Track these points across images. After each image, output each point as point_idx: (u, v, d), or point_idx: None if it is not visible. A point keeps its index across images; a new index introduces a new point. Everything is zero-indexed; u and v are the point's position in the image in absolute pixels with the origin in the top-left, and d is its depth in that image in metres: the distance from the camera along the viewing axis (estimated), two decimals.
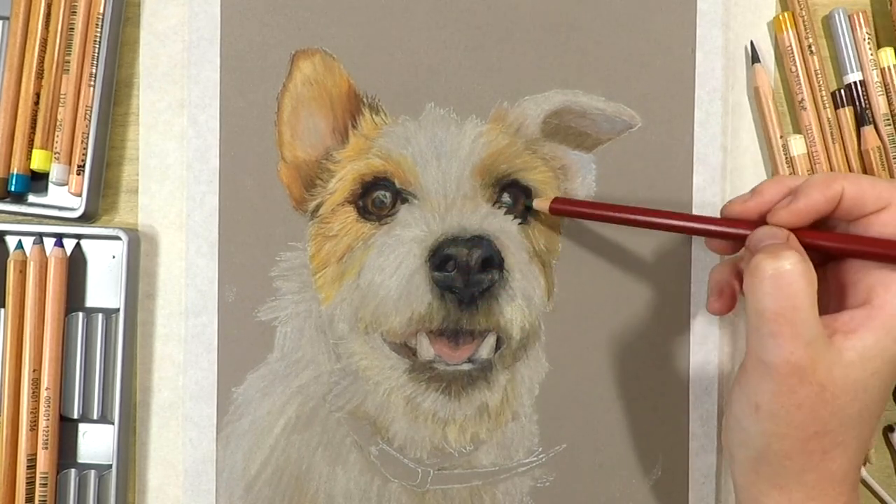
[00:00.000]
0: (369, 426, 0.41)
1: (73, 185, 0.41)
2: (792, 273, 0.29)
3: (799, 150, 0.42)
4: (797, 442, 0.29)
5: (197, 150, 0.42)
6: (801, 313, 0.28)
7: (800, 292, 0.29)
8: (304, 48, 0.42)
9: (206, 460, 0.41)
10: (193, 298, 0.42)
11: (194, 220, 0.42)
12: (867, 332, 0.29)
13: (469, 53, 0.42)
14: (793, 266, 0.29)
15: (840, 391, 0.29)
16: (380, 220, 0.41)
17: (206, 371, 0.41)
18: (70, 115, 0.41)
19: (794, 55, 0.42)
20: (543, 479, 0.42)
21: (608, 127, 0.42)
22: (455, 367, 0.40)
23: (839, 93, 0.42)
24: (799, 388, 0.29)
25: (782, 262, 0.29)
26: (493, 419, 0.41)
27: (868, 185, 0.31)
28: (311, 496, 0.41)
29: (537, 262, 0.41)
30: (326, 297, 0.41)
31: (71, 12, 0.41)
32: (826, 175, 0.32)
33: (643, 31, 0.42)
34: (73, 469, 0.41)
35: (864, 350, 0.29)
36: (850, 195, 0.31)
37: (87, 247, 0.42)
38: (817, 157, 0.42)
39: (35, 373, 0.40)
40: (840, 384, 0.29)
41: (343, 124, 0.42)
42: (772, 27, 0.43)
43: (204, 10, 0.42)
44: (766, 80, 0.42)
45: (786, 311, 0.29)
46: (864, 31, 0.42)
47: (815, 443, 0.29)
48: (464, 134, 0.41)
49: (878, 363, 0.29)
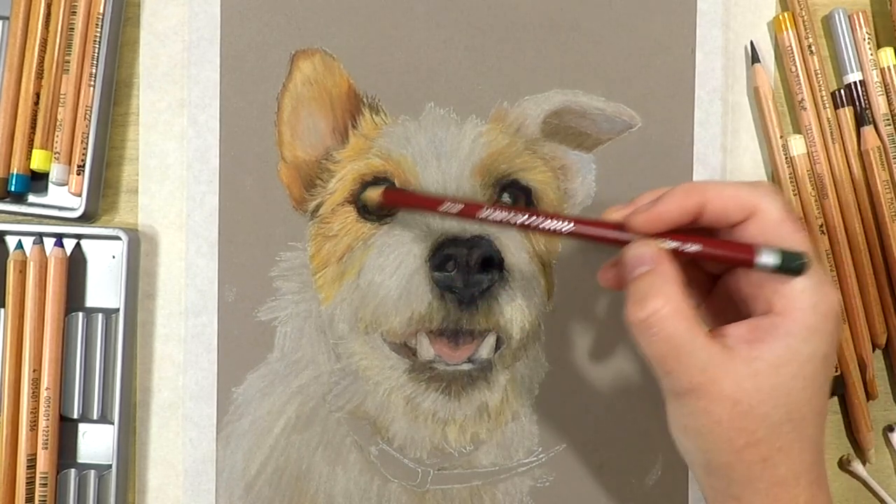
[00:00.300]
0: (369, 426, 0.41)
1: (72, 185, 0.41)
2: (661, 319, 0.29)
3: (799, 150, 0.42)
4: (732, 454, 0.29)
5: (197, 150, 0.42)
6: (683, 349, 0.29)
7: (674, 333, 0.29)
8: (304, 48, 0.42)
9: (205, 460, 0.41)
10: (193, 298, 0.42)
11: (194, 220, 0.42)
12: (775, 340, 0.29)
13: (469, 53, 0.42)
14: (658, 311, 0.29)
15: (756, 401, 0.29)
16: (380, 220, 0.41)
17: (206, 371, 0.41)
18: (70, 115, 0.41)
19: (794, 55, 0.42)
20: (543, 479, 0.42)
21: (608, 127, 0.42)
22: (455, 367, 0.40)
23: (839, 93, 0.42)
24: (711, 407, 0.29)
25: (646, 312, 0.29)
26: (493, 419, 0.41)
27: (731, 194, 0.30)
28: (311, 496, 0.41)
29: (537, 262, 0.41)
30: (326, 297, 0.41)
31: (71, 12, 0.41)
32: (689, 185, 0.31)
33: (643, 31, 0.42)
34: (73, 469, 0.41)
35: (774, 358, 0.29)
36: (713, 206, 0.30)
37: (86, 247, 0.42)
38: (817, 157, 0.42)
39: (35, 373, 0.40)
40: (755, 395, 0.29)
41: (343, 124, 0.42)
42: (772, 27, 0.43)
43: (204, 10, 0.42)
44: (765, 80, 0.42)
45: (667, 354, 0.29)
46: (864, 31, 0.42)
47: (750, 453, 0.29)
48: (464, 134, 0.41)
49: (795, 367, 0.29)
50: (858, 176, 0.42)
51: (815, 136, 0.42)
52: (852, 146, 0.42)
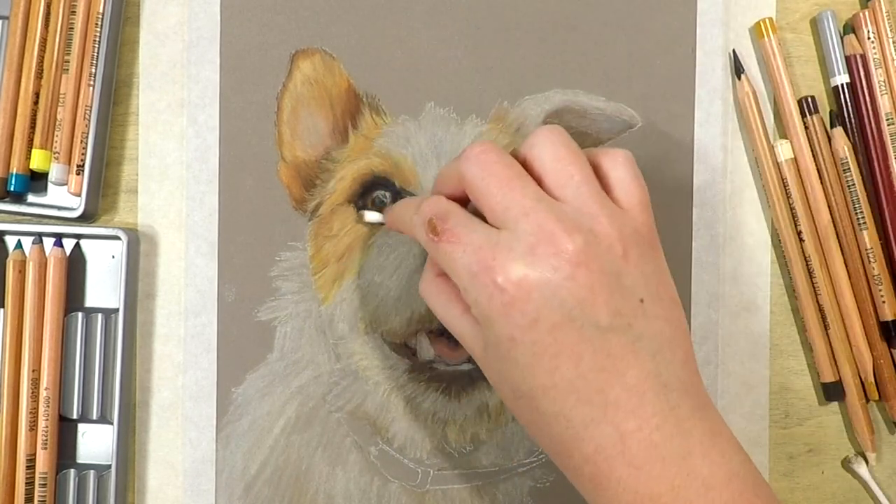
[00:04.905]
0: (369, 426, 0.41)
1: (72, 184, 0.41)
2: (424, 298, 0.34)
3: (786, 154, 0.42)
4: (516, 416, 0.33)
5: (196, 150, 0.42)
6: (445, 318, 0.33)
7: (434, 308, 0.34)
8: (304, 48, 0.42)
9: (205, 460, 0.41)
10: (193, 298, 0.42)
11: (194, 220, 0.42)
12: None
13: (469, 53, 0.42)
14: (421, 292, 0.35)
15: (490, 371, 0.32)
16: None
17: (206, 371, 0.41)
18: (69, 114, 0.41)
19: (777, 60, 0.42)
20: (543, 479, 0.42)
21: (608, 127, 0.42)
22: (455, 368, 0.40)
23: (807, 100, 0.42)
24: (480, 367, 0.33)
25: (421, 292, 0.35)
26: (493, 419, 0.41)
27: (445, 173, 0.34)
28: (310, 496, 0.41)
29: None
30: (326, 297, 0.41)
31: (70, 12, 0.41)
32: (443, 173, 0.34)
33: (643, 31, 0.42)
34: (73, 469, 0.41)
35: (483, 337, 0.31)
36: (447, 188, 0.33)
37: (86, 247, 0.42)
38: (803, 162, 0.42)
39: (34, 373, 0.40)
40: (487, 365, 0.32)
41: (343, 124, 0.42)
42: (753, 32, 0.43)
43: (204, 9, 0.42)
44: (749, 94, 0.42)
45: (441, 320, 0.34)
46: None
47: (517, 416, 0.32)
48: (464, 134, 0.41)
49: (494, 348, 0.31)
50: (834, 178, 0.42)
51: (801, 142, 0.42)
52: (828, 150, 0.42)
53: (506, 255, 0.29)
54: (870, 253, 0.41)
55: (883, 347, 0.42)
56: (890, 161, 0.41)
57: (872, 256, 0.41)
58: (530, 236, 0.29)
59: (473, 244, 0.30)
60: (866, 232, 0.41)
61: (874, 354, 0.42)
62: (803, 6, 0.43)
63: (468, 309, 0.31)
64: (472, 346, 0.32)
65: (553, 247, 0.29)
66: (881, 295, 0.41)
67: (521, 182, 0.30)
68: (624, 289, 0.29)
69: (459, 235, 0.30)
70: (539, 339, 0.29)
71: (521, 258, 0.29)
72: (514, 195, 0.30)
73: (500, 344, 0.30)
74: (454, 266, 0.30)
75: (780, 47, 0.42)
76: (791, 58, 0.43)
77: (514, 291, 0.29)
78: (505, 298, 0.29)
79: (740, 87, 0.42)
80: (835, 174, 0.42)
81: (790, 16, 0.43)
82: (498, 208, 0.30)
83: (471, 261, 0.30)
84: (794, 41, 0.43)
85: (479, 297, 0.29)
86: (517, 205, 0.29)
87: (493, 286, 0.29)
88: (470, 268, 0.30)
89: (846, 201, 0.42)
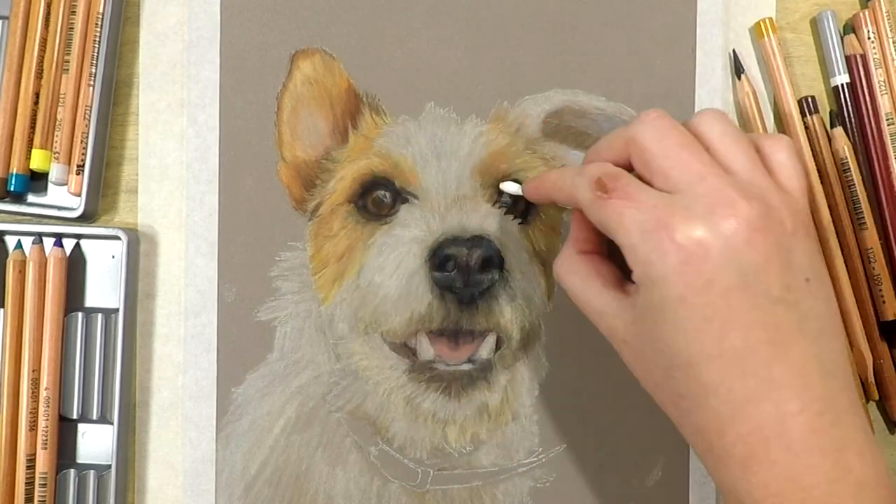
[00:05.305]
0: (369, 426, 0.41)
1: (72, 184, 0.41)
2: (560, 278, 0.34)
3: None
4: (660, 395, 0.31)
5: (196, 150, 0.42)
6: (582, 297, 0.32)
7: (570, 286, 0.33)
8: (304, 48, 0.42)
9: (205, 460, 0.41)
10: (193, 298, 0.42)
11: (194, 220, 0.42)
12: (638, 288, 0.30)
13: (469, 53, 0.42)
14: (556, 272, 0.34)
15: (640, 345, 0.30)
16: (379, 220, 0.41)
17: (206, 371, 0.41)
18: (70, 114, 0.41)
19: (777, 60, 0.42)
20: (543, 479, 0.42)
21: (608, 127, 0.42)
22: (455, 368, 0.40)
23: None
24: (618, 347, 0.32)
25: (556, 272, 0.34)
26: (493, 419, 0.41)
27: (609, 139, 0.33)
28: (310, 496, 0.41)
29: (537, 262, 0.41)
30: (326, 297, 0.41)
31: (70, 12, 0.41)
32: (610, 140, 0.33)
33: (643, 31, 0.42)
34: (73, 469, 0.41)
35: (642, 304, 0.30)
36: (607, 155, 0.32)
37: (86, 247, 0.42)
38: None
39: (34, 373, 0.40)
40: (637, 339, 0.30)
41: (343, 124, 0.42)
42: (753, 32, 0.43)
43: (204, 9, 0.42)
44: (748, 94, 0.42)
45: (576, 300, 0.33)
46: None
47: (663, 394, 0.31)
48: (464, 134, 0.41)
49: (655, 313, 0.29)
50: (834, 178, 0.42)
51: (801, 141, 0.42)
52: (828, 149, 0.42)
53: (683, 214, 0.28)
54: (870, 253, 0.41)
55: (883, 347, 0.42)
56: (890, 161, 0.41)
57: (872, 256, 0.41)
58: (707, 198, 0.28)
59: (647, 202, 0.29)
60: (866, 232, 0.41)
61: (874, 354, 0.42)
62: (803, 6, 0.43)
63: (608, 284, 0.32)
64: (612, 322, 0.31)
65: (732, 209, 0.28)
66: (881, 295, 0.41)
67: (696, 148, 0.30)
68: (793, 265, 0.29)
69: (631, 194, 0.29)
70: (711, 302, 0.28)
71: (699, 218, 0.28)
72: (691, 160, 0.29)
73: (666, 306, 0.28)
74: (624, 223, 0.29)
75: (780, 47, 0.42)
76: (791, 58, 0.43)
77: (694, 248, 0.28)
78: (682, 256, 0.28)
79: (740, 87, 0.42)
80: (835, 174, 0.42)
81: (790, 16, 0.43)
82: (673, 172, 0.29)
83: (645, 217, 0.29)
84: (794, 41, 0.43)
85: (651, 254, 0.28)
86: (693, 169, 0.29)
87: (669, 242, 0.28)
88: (644, 224, 0.29)
89: (846, 201, 0.42)
